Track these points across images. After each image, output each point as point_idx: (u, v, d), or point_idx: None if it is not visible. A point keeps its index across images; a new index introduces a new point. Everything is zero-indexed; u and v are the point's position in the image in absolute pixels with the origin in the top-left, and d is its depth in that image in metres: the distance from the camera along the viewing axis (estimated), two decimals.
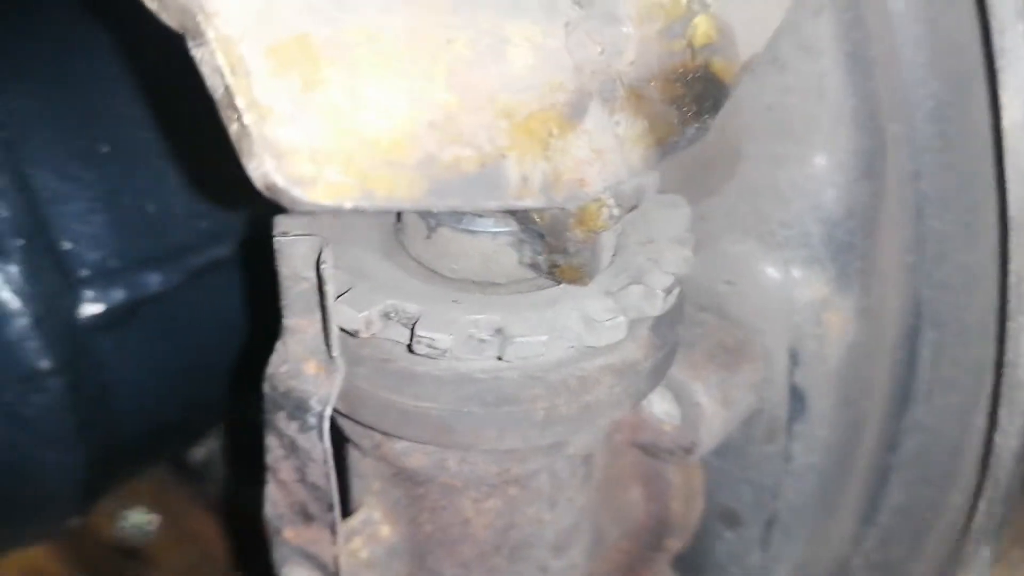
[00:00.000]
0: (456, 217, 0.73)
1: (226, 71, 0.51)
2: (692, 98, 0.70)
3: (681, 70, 0.70)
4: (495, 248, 0.74)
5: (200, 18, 0.51)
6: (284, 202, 0.53)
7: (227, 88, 0.51)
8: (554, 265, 0.73)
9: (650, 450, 0.89)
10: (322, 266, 0.68)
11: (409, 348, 0.70)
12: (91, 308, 1.02)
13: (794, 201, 0.85)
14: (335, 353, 0.71)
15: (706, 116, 0.71)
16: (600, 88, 0.65)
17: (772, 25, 0.75)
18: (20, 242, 0.97)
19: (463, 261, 0.75)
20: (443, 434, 0.73)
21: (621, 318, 0.71)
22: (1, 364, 0.97)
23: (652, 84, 0.68)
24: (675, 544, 0.98)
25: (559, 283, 0.74)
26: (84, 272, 1.03)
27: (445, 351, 0.69)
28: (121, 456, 1.12)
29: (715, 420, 0.85)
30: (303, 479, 0.77)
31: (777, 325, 0.87)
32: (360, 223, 0.79)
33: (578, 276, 0.73)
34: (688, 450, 0.86)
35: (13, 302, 0.97)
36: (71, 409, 1.02)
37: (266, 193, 0.53)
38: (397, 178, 0.56)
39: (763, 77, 0.83)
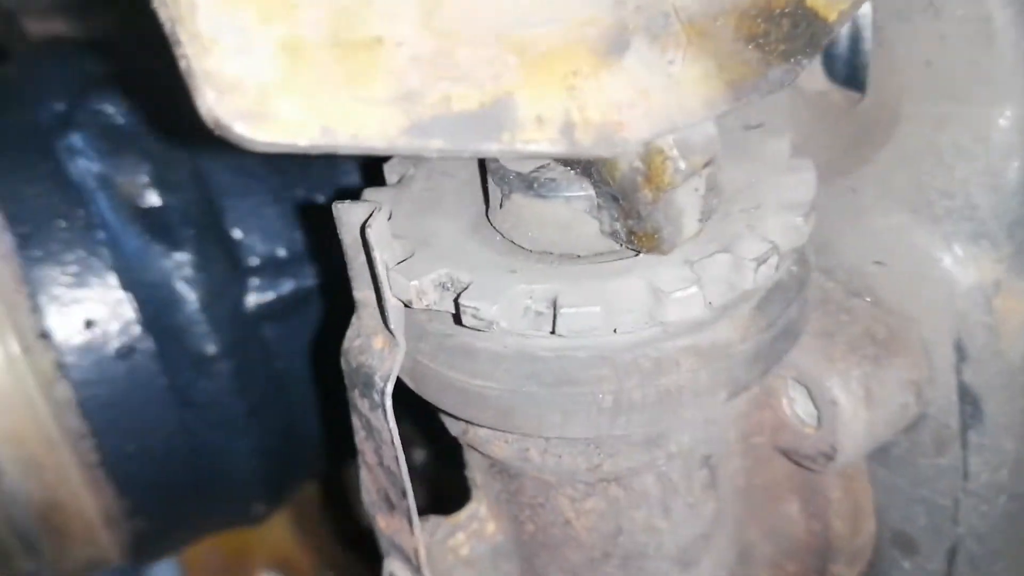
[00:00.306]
0: (526, 182, 0.67)
1: (171, 4, 0.49)
2: (779, 37, 0.61)
3: (763, 4, 0.61)
4: (571, 215, 0.67)
5: None
6: (233, 139, 0.50)
7: (172, 22, 0.49)
8: (631, 232, 0.65)
9: (792, 456, 0.78)
10: (367, 230, 0.65)
11: (456, 320, 0.65)
12: (259, 296, 1.05)
13: (958, 167, 0.71)
14: (392, 325, 0.67)
15: (798, 56, 0.62)
16: (647, 23, 0.58)
17: None
18: (192, 231, 1.01)
19: (538, 230, 0.68)
20: (504, 417, 0.67)
21: (694, 289, 0.62)
22: (172, 348, 1.01)
23: (720, 20, 0.59)
24: (844, 571, 0.85)
25: (638, 253, 0.66)
26: (254, 261, 1.05)
27: (492, 322, 0.63)
28: (298, 447, 1.13)
29: (856, 421, 0.73)
30: (381, 462, 0.73)
31: (936, 312, 0.73)
32: (451, 195, 0.75)
33: (655, 243, 0.64)
34: (828, 456, 0.74)
35: (182, 288, 1.00)
36: (239, 394, 1.04)
37: (216, 131, 0.50)
38: (365, 115, 0.51)
39: (918, 26, 0.71)
